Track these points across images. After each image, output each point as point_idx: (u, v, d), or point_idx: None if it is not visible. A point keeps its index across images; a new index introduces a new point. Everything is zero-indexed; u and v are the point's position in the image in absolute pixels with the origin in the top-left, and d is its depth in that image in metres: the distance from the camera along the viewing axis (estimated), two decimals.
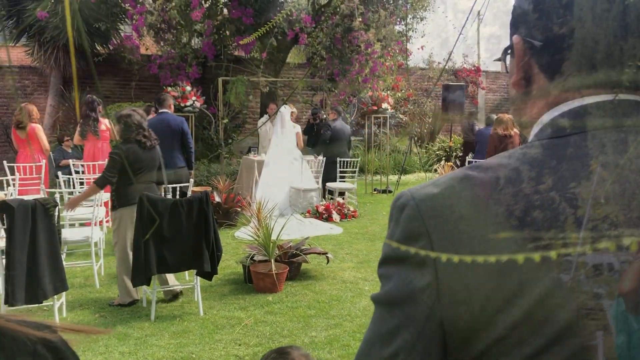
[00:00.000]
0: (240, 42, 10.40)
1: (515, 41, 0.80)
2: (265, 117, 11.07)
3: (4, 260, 4.07)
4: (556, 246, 0.66)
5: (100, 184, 4.73)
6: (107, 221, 7.38)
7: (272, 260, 5.34)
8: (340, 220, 8.81)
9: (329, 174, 9.92)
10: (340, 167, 10.13)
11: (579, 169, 0.69)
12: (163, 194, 5.36)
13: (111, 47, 13.12)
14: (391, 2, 11.89)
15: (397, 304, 0.73)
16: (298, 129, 9.88)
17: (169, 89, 9.75)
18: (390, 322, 0.74)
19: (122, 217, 4.83)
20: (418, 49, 16.38)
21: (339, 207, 9.03)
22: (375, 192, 11.89)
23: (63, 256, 4.84)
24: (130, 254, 4.86)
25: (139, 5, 11.06)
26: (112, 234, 5.04)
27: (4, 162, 8.35)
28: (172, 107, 7.31)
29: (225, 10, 10.83)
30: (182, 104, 9.65)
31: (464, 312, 0.69)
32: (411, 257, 0.72)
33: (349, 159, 10.23)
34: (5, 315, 0.58)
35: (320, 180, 9.55)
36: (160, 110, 7.14)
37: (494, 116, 10.47)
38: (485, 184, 0.71)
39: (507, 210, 0.68)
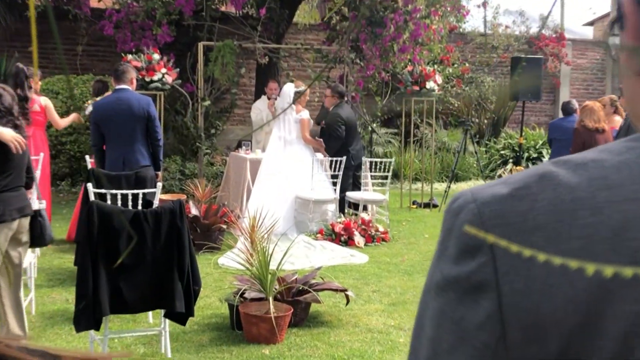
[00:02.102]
0: None
1: (626, 3, 0.81)
2: (262, 100, 11.05)
3: None
4: None
5: None
6: None
7: (271, 299, 5.33)
8: (365, 245, 8.81)
9: (348, 180, 9.90)
10: (370, 171, 10.10)
11: None
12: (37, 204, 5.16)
13: None
14: None
15: (441, 353, 0.74)
16: (304, 114, 9.86)
17: (130, 57, 9.80)
18: None
19: None
20: (478, 6, 16.36)
21: (363, 226, 9.02)
22: (415, 205, 11.87)
23: None
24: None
25: None
26: None
27: None
28: (135, 82, 7.34)
29: None
30: (148, 79, 9.70)
31: (537, 352, 0.70)
32: (464, 279, 0.73)
33: (379, 160, 10.20)
34: (5, 339, 0.64)
35: (338, 188, 9.54)
36: (118, 87, 7.18)
37: (575, 103, 10.44)
38: (574, 185, 0.72)
39: (603, 221, 0.69)
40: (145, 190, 5.84)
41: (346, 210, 9.74)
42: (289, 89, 9.83)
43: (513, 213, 0.72)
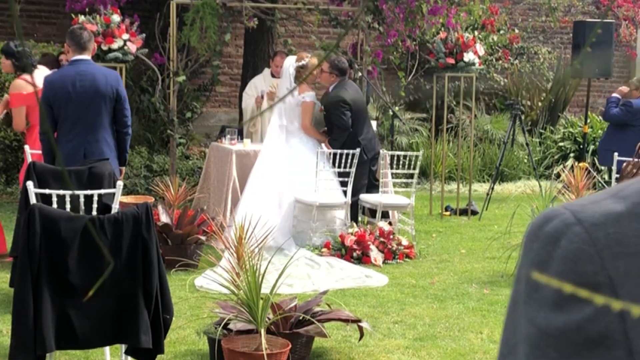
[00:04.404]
0: None
1: None
2: (263, 77, 11.00)
3: None
4: None
5: None
6: None
7: (262, 331, 5.32)
8: (384, 263, 8.82)
9: (362, 180, 9.87)
10: (391, 167, 10.07)
11: None
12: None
13: None
14: None
15: None
16: (308, 96, 9.83)
17: (82, 18, 9.79)
18: None
19: None
20: None
21: (381, 239, 9.03)
22: (448, 212, 11.87)
23: None
24: None
25: None
26: None
27: None
28: (95, 50, 7.33)
29: None
30: (105, 47, 9.69)
31: None
32: (573, 332, 0.70)
33: (403, 153, 10.17)
34: None
35: (349, 189, 9.52)
36: (76, 58, 7.13)
37: None
38: None
39: None
40: (102, 191, 5.82)
41: (360, 218, 9.75)
42: (289, 64, 9.80)
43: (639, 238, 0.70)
